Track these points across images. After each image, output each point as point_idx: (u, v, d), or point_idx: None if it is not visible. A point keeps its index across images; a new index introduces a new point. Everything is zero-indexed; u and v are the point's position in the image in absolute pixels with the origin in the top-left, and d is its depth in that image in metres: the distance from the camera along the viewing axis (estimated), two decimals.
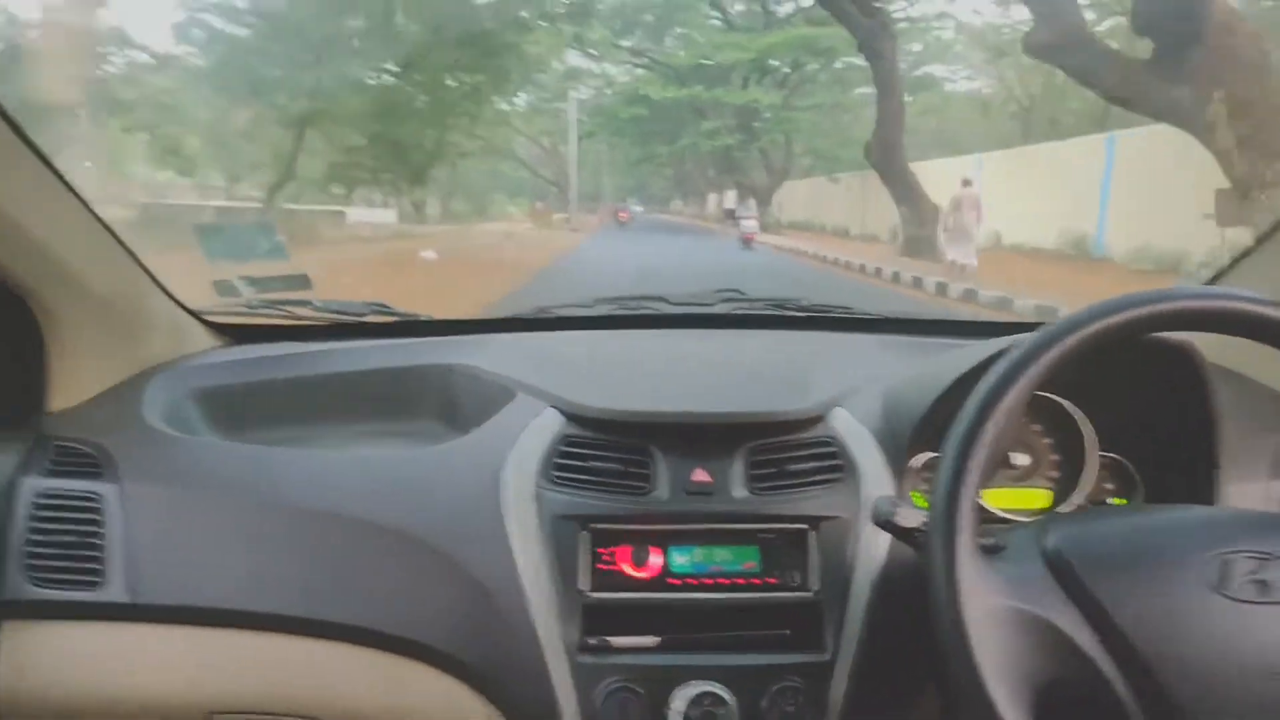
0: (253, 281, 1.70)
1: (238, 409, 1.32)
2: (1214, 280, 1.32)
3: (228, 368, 1.36)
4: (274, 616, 1.05)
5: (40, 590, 1.06)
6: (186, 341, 1.42)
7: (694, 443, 1.09)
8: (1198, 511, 0.84)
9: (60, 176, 1.08)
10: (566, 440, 1.10)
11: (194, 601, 1.06)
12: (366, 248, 15.48)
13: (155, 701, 1.07)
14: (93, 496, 1.09)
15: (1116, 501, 1.12)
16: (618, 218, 33.34)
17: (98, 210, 1.16)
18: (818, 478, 1.07)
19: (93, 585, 1.06)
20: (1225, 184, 8.27)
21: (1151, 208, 11.56)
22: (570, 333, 1.57)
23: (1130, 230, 12.27)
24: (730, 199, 34.57)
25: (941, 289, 10.84)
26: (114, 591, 1.06)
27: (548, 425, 1.12)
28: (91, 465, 1.12)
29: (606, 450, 1.09)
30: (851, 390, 1.17)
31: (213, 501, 1.10)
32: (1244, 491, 1.04)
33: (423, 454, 1.17)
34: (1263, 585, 0.69)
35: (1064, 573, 0.74)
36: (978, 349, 1.03)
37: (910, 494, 1.09)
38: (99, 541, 1.07)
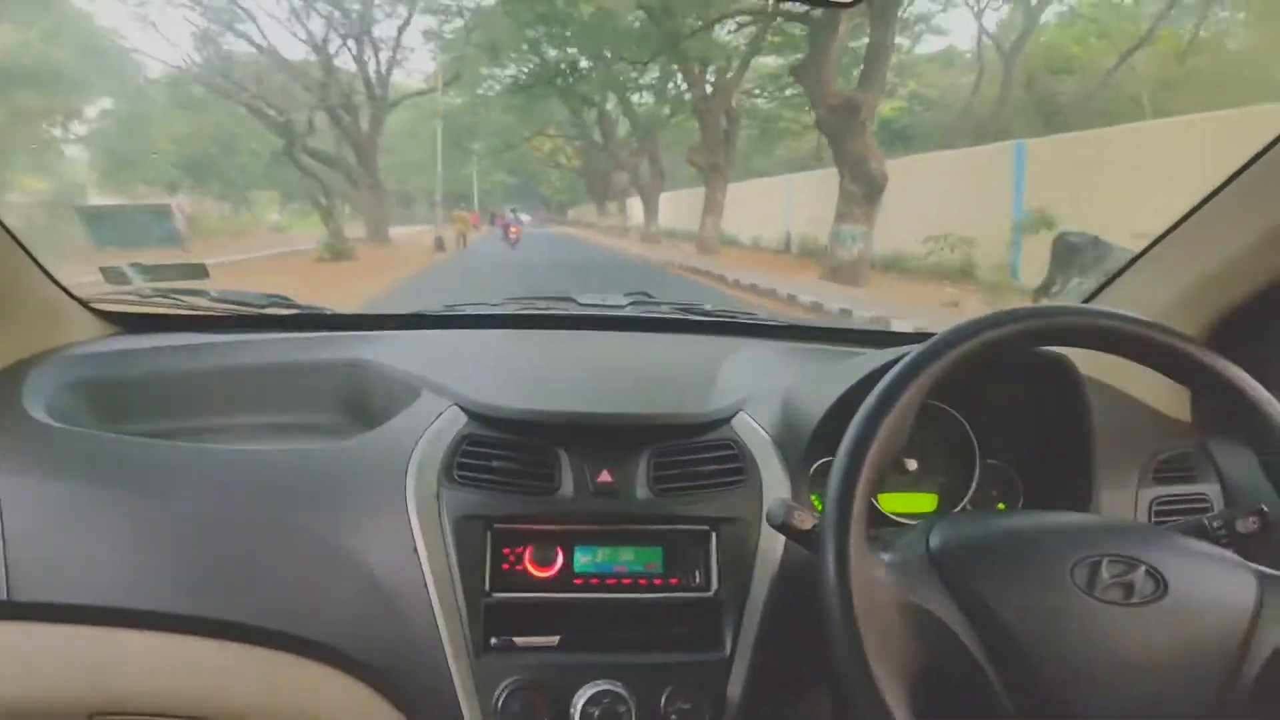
0: (144, 269, 1.63)
1: (127, 400, 1.26)
2: (1090, 298, 1.40)
3: (117, 357, 1.31)
4: (161, 615, 1.01)
5: None
6: (72, 329, 1.35)
7: (599, 443, 1.10)
8: (1071, 518, 0.89)
9: None
10: (470, 439, 1.09)
11: (77, 599, 1.01)
12: None
13: (35, 701, 1.02)
14: None
15: (999, 507, 1.18)
16: (507, 234, 21.88)
17: None
18: (719, 480, 1.09)
19: None
20: None
21: None
22: (476, 331, 1.56)
23: None
24: (642, 204, 25.13)
25: None
26: None
27: (451, 424, 1.12)
28: None
29: (511, 450, 1.09)
30: (753, 395, 1.19)
31: (97, 496, 1.05)
32: (1116, 498, 1.12)
33: (323, 451, 1.14)
34: (1127, 588, 0.75)
35: (945, 567, 0.79)
36: (873, 358, 1.08)
37: (809, 497, 1.12)
38: None
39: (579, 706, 0.96)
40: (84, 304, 1.39)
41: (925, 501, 1.19)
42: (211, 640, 1.02)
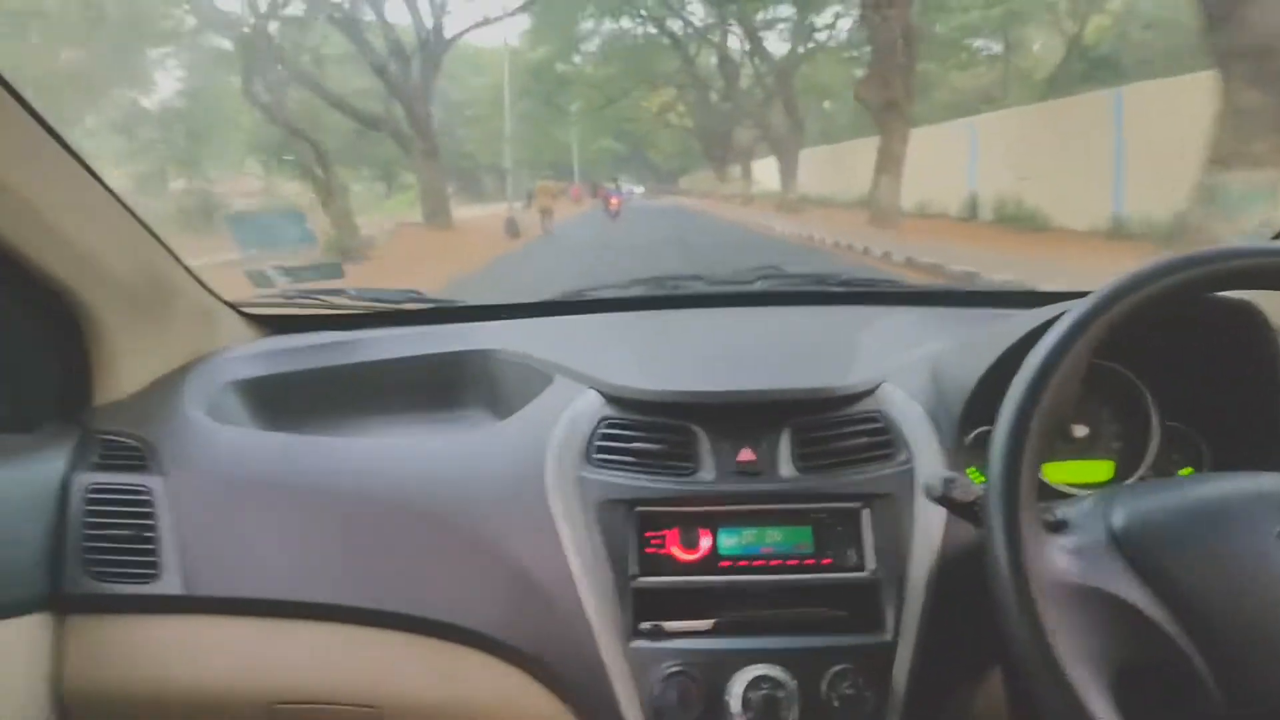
0: (287, 271, 1.71)
1: (278, 399, 1.32)
2: (1276, 237, 1.27)
3: (267, 358, 1.37)
4: (326, 606, 1.06)
5: (99, 585, 1.07)
6: (225, 333, 1.43)
7: (738, 422, 1.07)
8: (1269, 478, 0.80)
9: (93, 173, 1.08)
10: (607, 422, 1.09)
11: (247, 592, 1.07)
12: None
13: (217, 693, 1.08)
14: (141, 489, 1.10)
15: (1183, 472, 1.09)
16: (607, 206, 20.04)
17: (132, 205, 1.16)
18: (868, 454, 1.05)
19: (148, 578, 1.07)
20: None
21: None
22: (608, 315, 1.56)
23: None
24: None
25: None
26: (169, 584, 1.07)
27: (588, 408, 1.11)
28: (137, 458, 1.13)
29: (649, 431, 1.07)
30: (899, 364, 1.14)
31: (260, 492, 1.11)
32: None
33: (465, 440, 1.16)
34: None
35: (1131, 547, 0.72)
36: (1030, 317, 1.00)
37: (967, 469, 1.06)
38: (151, 534, 1.08)
39: (737, 692, 0.94)
40: (234, 308, 1.47)
41: (1098, 470, 1.11)
42: (377, 630, 1.05)
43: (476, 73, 22.95)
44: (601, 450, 1.06)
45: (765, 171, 24.44)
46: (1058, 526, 0.78)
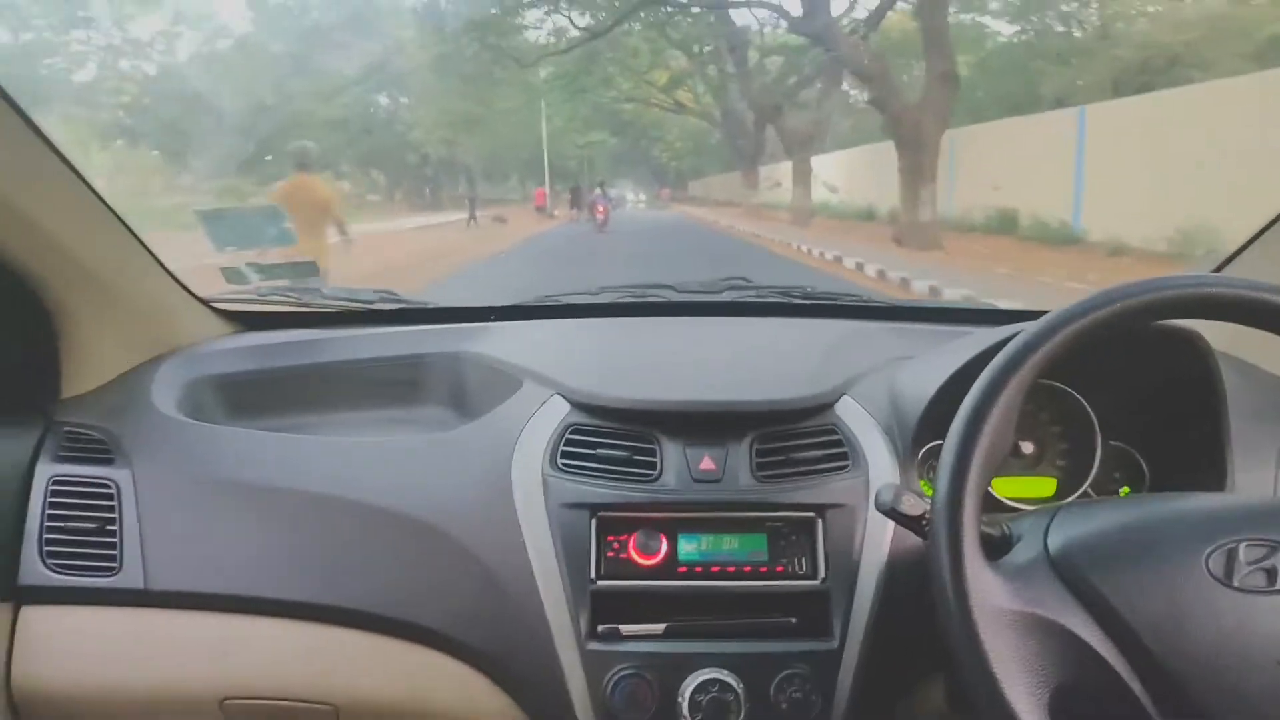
0: (261, 268, 1.71)
1: (248, 395, 1.33)
2: (1220, 267, 1.32)
3: (237, 354, 1.37)
4: (286, 603, 1.07)
5: (56, 576, 1.08)
6: (196, 328, 1.43)
7: (700, 431, 1.10)
8: (1201, 501, 0.83)
9: (70, 165, 1.08)
10: (573, 428, 1.11)
11: (206, 588, 1.07)
12: None
13: (169, 687, 1.08)
14: (105, 482, 1.11)
15: (1123, 491, 1.13)
16: (594, 215, 18.00)
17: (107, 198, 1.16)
18: (824, 466, 1.07)
19: (108, 571, 1.07)
20: None
21: None
22: (577, 320, 1.58)
23: None
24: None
25: None
26: (128, 577, 1.07)
27: (555, 413, 1.13)
28: (103, 451, 1.14)
29: (613, 438, 1.10)
30: (858, 378, 1.17)
31: (224, 488, 1.11)
32: (1252, 480, 1.04)
33: (433, 441, 1.17)
34: (1269, 573, 0.69)
35: (1070, 573, 0.74)
36: (984, 336, 1.04)
37: (919, 482, 1.09)
38: (113, 528, 1.09)
39: (687, 695, 0.96)
40: (206, 304, 1.47)
41: (1043, 486, 1.14)
42: (332, 627, 1.07)
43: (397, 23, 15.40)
44: (566, 455, 1.08)
45: (829, 171, 18.13)
46: (1001, 543, 0.81)
